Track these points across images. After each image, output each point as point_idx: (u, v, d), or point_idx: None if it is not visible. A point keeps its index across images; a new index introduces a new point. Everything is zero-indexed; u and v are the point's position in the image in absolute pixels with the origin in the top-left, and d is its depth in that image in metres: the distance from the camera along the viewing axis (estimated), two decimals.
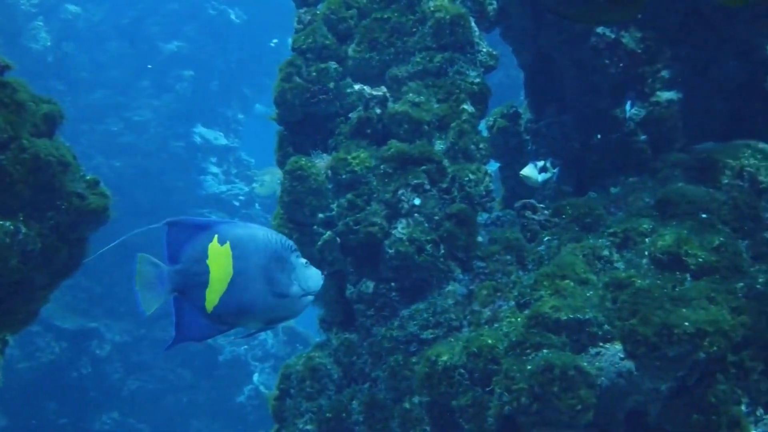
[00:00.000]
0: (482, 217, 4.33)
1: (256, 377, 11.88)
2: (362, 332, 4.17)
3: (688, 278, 3.58)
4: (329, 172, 4.25)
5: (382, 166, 4.18)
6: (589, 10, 1.73)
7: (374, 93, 4.37)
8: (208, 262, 2.39)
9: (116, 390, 11.68)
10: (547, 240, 4.09)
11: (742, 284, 3.48)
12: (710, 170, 4.17)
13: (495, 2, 4.90)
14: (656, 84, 4.73)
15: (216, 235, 2.41)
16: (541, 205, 4.39)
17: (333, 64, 4.47)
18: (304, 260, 2.54)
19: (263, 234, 2.49)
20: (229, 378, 11.96)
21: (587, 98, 4.91)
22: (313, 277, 2.55)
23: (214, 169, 13.84)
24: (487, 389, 3.50)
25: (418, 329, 3.94)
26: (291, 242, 2.53)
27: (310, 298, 2.56)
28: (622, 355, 3.37)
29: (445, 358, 3.61)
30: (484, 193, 4.25)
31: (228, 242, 2.41)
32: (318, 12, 4.62)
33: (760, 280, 3.63)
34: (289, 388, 4.23)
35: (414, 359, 3.85)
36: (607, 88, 4.79)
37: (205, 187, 13.52)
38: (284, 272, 2.48)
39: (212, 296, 2.39)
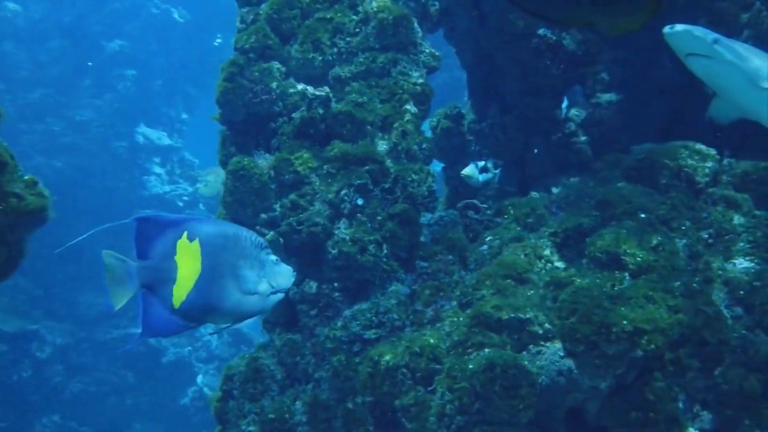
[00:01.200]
0: (425, 218, 4.35)
1: (200, 379, 11.80)
2: (305, 333, 4.16)
3: (627, 277, 3.63)
4: (272, 172, 4.24)
5: (325, 167, 4.18)
6: (598, 18, 1.71)
7: (317, 93, 4.36)
8: (176, 258, 2.41)
9: (57, 393, 11.50)
10: (489, 240, 4.12)
11: (679, 283, 3.54)
12: (649, 171, 4.22)
13: (437, 3, 4.92)
14: (596, 85, 4.80)
15: (185, 232, 2.42)
16: (484, 206, 4.42)
17: (276, 64, 4.46)
18: (274, 257, 2.57)
19: (233, 231, 2.51)
20: (172, 380, 11.85)
21: (529, 99, 4.95)
22: (284, 274, 2.58)
23: (158, 170, 13.72)
24: (430, 389, 3.51)
25: (361, 329, 3.94)
26: (262, 239, 2.56)
27: (281, 295, 2.59)
28: (562, 354, 3.41)
29: (387, 358, 3.62)
30: (426, 193, 4.26)
31: (197, 239, 2.43)
32: (261, 11, 4.60)
33: (697, 279, 3.70)
34: (232, 390, 4.21)
35: (357, 359, 3.85)
36: (549, 89, 4.84)
37: (148, 188, 13.39)
38: (253, 269, 2.50)
39: (179, 292, 2.41)
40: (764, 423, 3.49)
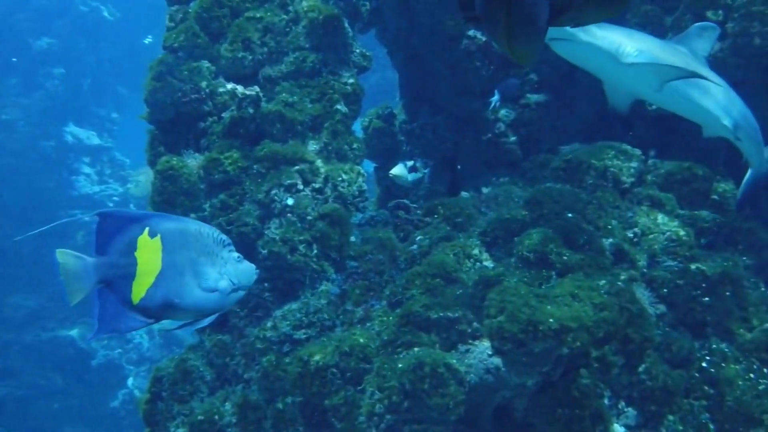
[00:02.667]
0: (356, 217, 4.35)
1: (130, 381, 11.65)
2: (235, 333, 4.14)
3: (554, 276, 3.67)
4: (201, 172, 4.21)
5: (255, 166, 4.16)
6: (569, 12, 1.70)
7: (247, 92, 4.34)
8: (136, 254, 2.39)
9: None
10: (420, 239, 4.14)
11: (604, 281, 3.59)
12: (576, 171, 4.28)
13: (368, 3, 4.93)
14: (525, 87, 4.85)
15: (147, 228, 2.41)
16: (414, 205, 4.44)
17: (205, 63, 4.43)
18: (236, 255, 2.56)
19: (195, 228, 2.51)
20: (102, 382, 11.68)
21: (460, 100, 4.99)
22: (245, 271, 2.58)
23: (87, 170, 13.52)
24: (359, 388, 3.52)
25: (291, 329, 3.94)
26: (224, 237, 2.55)
27: (242, 292, 2.59)
28: (490, 352, 3.43)
29: (317, 357, 3.61)
30: (357, 193, 4.27)
31: (158, 235, 2.42)
32: (190, 10, 4.56)
33: (622, 277, 3.76)
34: (161, 391, 4.16)
35: (287, 359, 3.84)
36: (479, 89, 4.88)
37: (77, 188, 13.18)
38: (215, 266, 2.50)
39: (139, 289, 2.40)
40: (687, 418, 3.56)
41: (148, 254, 2.40)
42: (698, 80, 3.93)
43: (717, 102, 4.05)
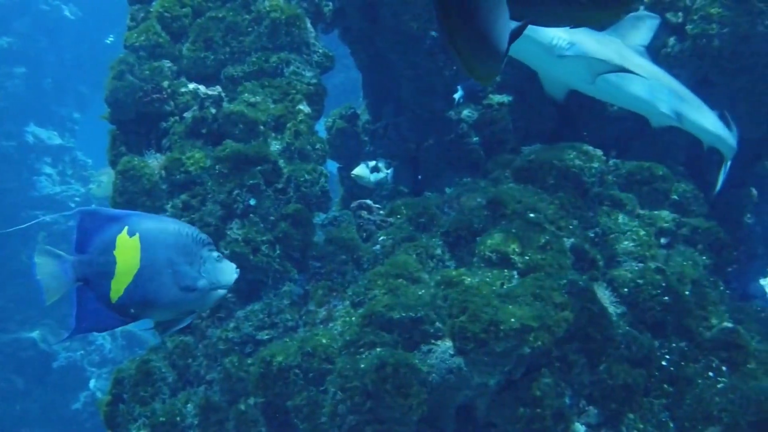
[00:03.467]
0: (318, 218, 4.34)
1: (92, 383, 11.54)
2: (197, 334, 4.11)
3: (516, 276, 3.69)
4: (163, 172, 4.18)
5: (217, 167, 4.14)
6: (568, 12, 1.66)
7: (209, 92, 4.32)
8: (115, 253, 2.41)
9: None
10: (382, 239, 4.14)
11: (565, 281, 3.61)
12: (538, 171, 4.30)
13: (331, 3, 4.92)
14: (488, 87, 4.87)
15: (126, 227, 2.43)
16: (377, 206, 4.44)
17: (167, 63, 4.40)
18: (216, 254, 2.57)
19: (174, 227, 2.52)
20: (64, 384, 11.55)
21: (423, 100, 5.00)
22: (225, 271, 2.59)
23: (49, 170, 13.37)
24: (322, 388, 3.51)
25: (253, 330, 3.93)
26: (204, 236, 2.56)
27: (222, 291, 2.61)
28: (452, 352, 3.44)
29: (280, 358, 3.60)
30: (320, 193, 4.27)
31: (137, 234, 2.43)
32: (152, 9, 4.53)
33: (584, 276, 3.79)
34: (122, 393, 4.12)
35: (249, 360, 3.83)
36: (442, 90, 4.89)
37: (38, 188, 13.03)
38: (193, 266, 2.51)
39: (117, 287, 2.42)
40: (647, 416, 3.59)
41: (127, 253, 2.42)
42: (632, 77, 3.99)
43: (651, 91, 4.08)
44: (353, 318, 3.67)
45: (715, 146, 4.42)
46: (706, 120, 4.28)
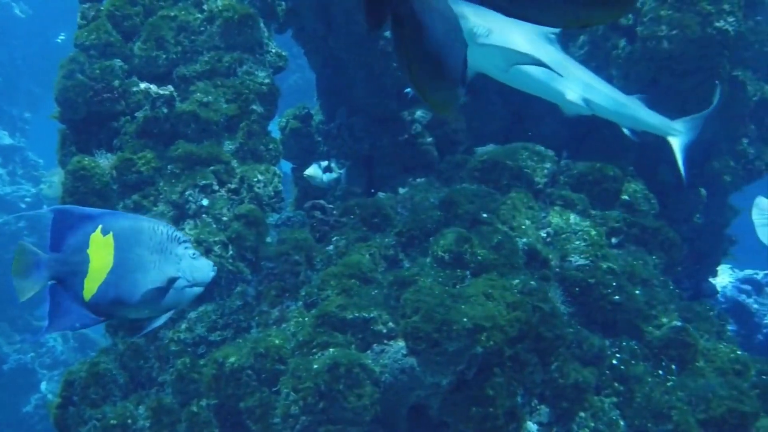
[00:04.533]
0: (272, 218, 4.33)
1: (44, 386, 11.38)
2: (149, 336, 4.08)
3: (468, 276, 3.71)
4: (114, 172, 4.14)
5: (169, 167, 4.12)
6: (569, 12, 1.61)
7: (161, 92, 4.28)
8: (88, 251, 2.43)
9: None
10: (336, 240, 4.13)
11: (517, 281, 3.64)
12: (491, 171, 4.33)
13: (284, 3, 4.91)
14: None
15: (100, 225, 2.44)
16: (331, 206, 4.43)
17: (118, 62, 4.36)
18: (192, 252, 2.58)
19: (149, 225, 2.53)
20: (14, 387, 11.38)
21: (376, 100, 5.01)
22: (201, 268, 2.59)
23: None
24: (274, 389, 3.50)
25: (205, 331, 3.91)
26: (180, 234, 2.58)
27: (198, 289, 2.61)
28: (405, 352, 3.44)
29: (232, 359, 3.59)
30: (273, 193, 4.25)
31: (111, 233, 2.44)
32: (102, 8, 4.48)
33: (536, 276, 3.82)
34: (72, 396, 4.07)
35: (202, 362, 3.81)
36: (395, 90, 4.90)
37: None
38: (169, 263, 2.52)
39: (90, 285, 2.43)
40: (598, 414, 3.63)
41: (100, 251, 2.44)
42: (535, 60, 3.97)
43: (561, 80, 4.09)
44: (306, 318, 3.67)
45: (646, 131, 4.43)
46: (618, 105, 4.29)
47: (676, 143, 4.44)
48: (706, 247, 5.20)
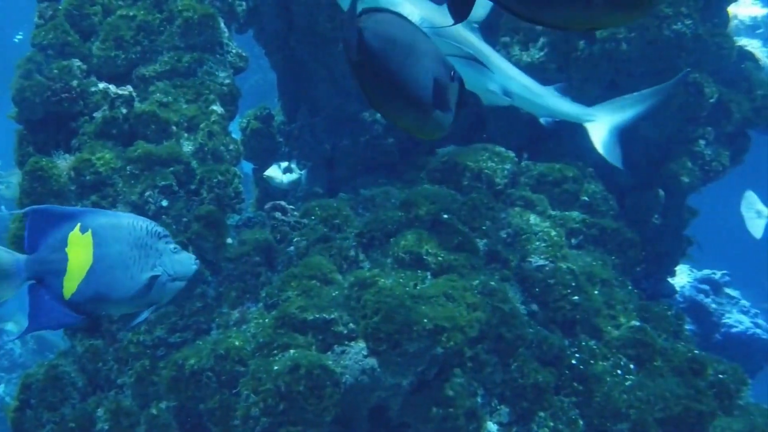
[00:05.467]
0: (232, 219, 4.31)
1: (1, 388, 11.25)
2: (108, 338, 4.04)
3: (429, 276, 3.72)
4: (72, 173, 4.09)
5: (128, 167, 4.08)
6: (582, 15, 1.57)
7: (120, 92, 4.25)
8: (67, 250, 2.43)
9: None
10: (296, 241, 4.13)
11: (478, 282, 3.66)
12: (452, 172, 4.35)
13: (245, 3, 4.89)
14: None
15: (79, 224, 2.45)
16: (291, 207, 4.42)
17: (76, 62, 4.31)
18: (173, 246, 2.60)
19: (128, 221, 2.54)
20: None
21: (337, 101, 5.01)
22: (182, 262, 2.62)
23: None
24: (235, 391, 3.49)
25: (165, 333, 3.88)
26: (160, 229, 2.59)
27: (180, 283, 2.65)
28: (365, 353, 3.45)
29: (192, 361, 3.57)
30: (233, 194, 4.23)
31: (90, 230, 2.45)
32: (60, 7, 4.44)
33: (496, 277, 3.83)
34: (30, 399, 4.03)
35: (161, 364, 3.78)
36: (356, 91, 4.90)
37: None
38: (149, 258, 2.53)
39: (70, 284, 2.43)
40: (557, 414, 3.66)
41: (79, 250, 2.44)
42: (463, 49, 3.92)
43: (485, 71, 4.05)
44: (266, 320, 3.66)
45: (564, 120, 4.41)
46: (535, 96, 4.27)
47: (592, 128, 4.39)
48: (665, 247, 5.25)
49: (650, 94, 4.40)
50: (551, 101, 4.33)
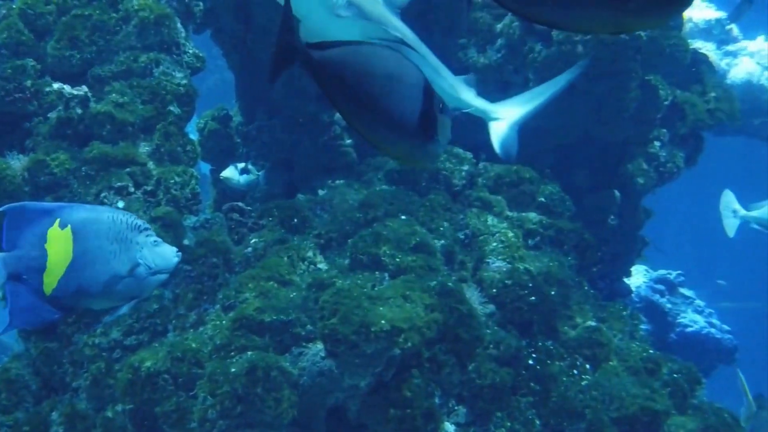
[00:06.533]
0: (189, 220, 4.28)
1: None
2: (63, 340, 4.00)
3: (387, 278, 3.72)
4: (26, 174, 4.04)
5: (83, 168, 4.04)
6: (614, 20, 1.50)
7: (75, 92, 4.20)
8: (46, 246, 2.42)
9: None
10: (254, 242, 4.11)
11: (435, 282, 3.66)
12: (410, 173, 4.35)
13: (202, 3, 4.85)
14: None
15: (58, 220, 2.44)
16: (249, 208, 4.41)
17: (30, 62, 4.25)
18: (153, 239, 2.58)
19: (108, 216, 2.52)
20: None
21: (295, 102, 4.99)
22: (163, 255, 2.60)
23: None
24: (191, 394, 3.47)
25: (121, 335, 3.84)
26: (140, 222, 2.58)
27: (162, 276, 2.62)
28: (323, 354, 3.45)
29: (148, 364, 3.54)
30: (190, 195, 4.20)
31: (69, 226, 2.44)
32: (14, 6, 4.37)
33: (453, 278, 3.85)
34: None
35: (117, 366, 3.75)
36: (314, 92, 4.89)
37: None
38: (129, 252, 2.52)
39: (50, 280, 2.43)
40: (514, 414, 3.67)
41: (59, 245, 2.43)
42: (391, 32, 3.85)
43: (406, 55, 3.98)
44: (224, 321, 3.64)
45: (467, 111, 4.40)
46: (447, 86, 4.21)
47: (494, 125, 4.40)
48: (621, 248, 5.30)
49: (546, 88, 4.40)
50: (461, 92, 4.28)
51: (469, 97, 4.34)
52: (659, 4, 1.50)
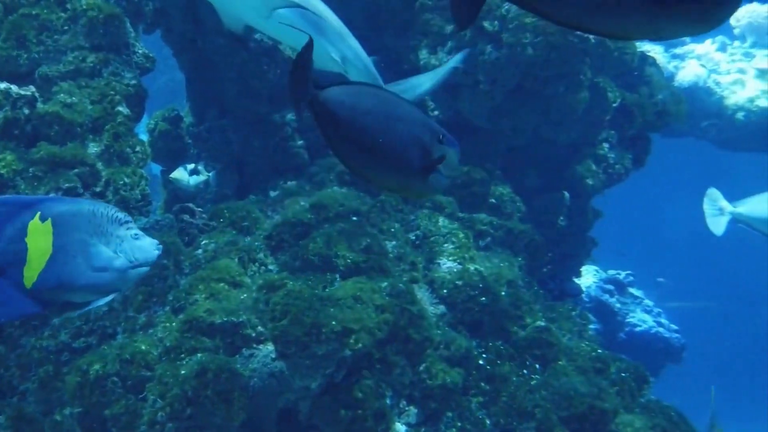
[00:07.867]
0: (139, 222, 4.24)
1: None
2: (10, 343, 3.95)
3: (338, 279, 3.73)
4: None
5: (31, 169, 3.99)
6: (645, 26, 1.41)
7: (22, 92, 4.15)
8: (27, 239, 2.40)
9: None
10: (204, 243, 4.09)
11: (386, 284, 3.67)
12: None
13: (152, 3, 4.82)
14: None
15: (38, 213, 2.42)
16: (200, 209, 4.39)
17: None
18: (134, 232, 2.57)
19: (89, 208, 2.51)
20: None
21: (247, 103, 4.98)
22: (143, 248, 2.58)
23: None
24: (141, 396, 3.45)
25: (69, 338, 3.81)
26: (122, 215, 2.56)
27: (143, 269, 2.60)
28: (274, 356, 3.45)
29: (97, 366, 3.51)
30: (140, 197, 4.17)
31: (50, 219, 2.42)
32: None
33: (404, 279, 3.86)
34: None
35: (65, 369, 3.71)
36: (266, 93, 4.88)
37: None
38: (110, 245, 2.51)
39: (31, 273, 2.42)
40: (464, 414, 3.70)
41: (39, 239, 2.42)
42: (307, 14, 3.79)
43: (326, 34, 3.91)
44: (174, 323, 3.62)
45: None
46: (364, 66, 4.15)
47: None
48: (570, 248, 5.36)
49: (425, 80, 4.41)
50: (375, 74, 4.22)
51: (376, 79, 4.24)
52: (702, 9, 1.45)
